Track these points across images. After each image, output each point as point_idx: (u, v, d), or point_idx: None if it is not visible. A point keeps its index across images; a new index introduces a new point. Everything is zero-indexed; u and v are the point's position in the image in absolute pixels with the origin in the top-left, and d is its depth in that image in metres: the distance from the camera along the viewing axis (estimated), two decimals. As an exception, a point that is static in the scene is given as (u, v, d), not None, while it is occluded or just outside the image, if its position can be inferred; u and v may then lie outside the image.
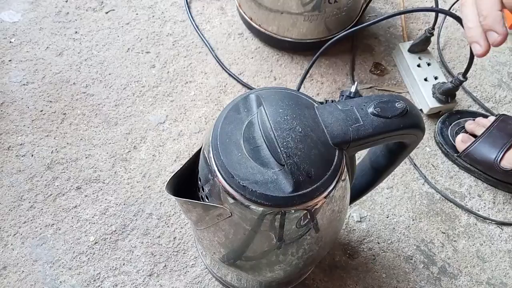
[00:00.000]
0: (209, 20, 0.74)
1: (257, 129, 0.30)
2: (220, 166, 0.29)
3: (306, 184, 0.28)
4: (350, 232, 0.57)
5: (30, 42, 0.70)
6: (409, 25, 0.76)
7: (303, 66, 0.71)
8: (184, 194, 0.31)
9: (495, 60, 0.74)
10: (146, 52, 0.70)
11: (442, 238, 0.58)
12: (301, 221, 0.30)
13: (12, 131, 0.62)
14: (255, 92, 0.31)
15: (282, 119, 0.29)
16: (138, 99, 0.66)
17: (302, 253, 0.36)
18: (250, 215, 0.29)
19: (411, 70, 0.67)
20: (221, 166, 0.29)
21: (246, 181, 0.28)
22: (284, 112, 0.29)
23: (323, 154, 0.29)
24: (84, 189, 0.59)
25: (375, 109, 0.30)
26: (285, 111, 0.29)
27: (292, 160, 0.28)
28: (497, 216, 0.59)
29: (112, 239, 0.56)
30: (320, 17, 0.65)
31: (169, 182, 0.30)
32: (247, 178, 0.28)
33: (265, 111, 0.29)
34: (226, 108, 0.32)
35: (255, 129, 0.30)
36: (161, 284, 0.53)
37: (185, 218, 0.57)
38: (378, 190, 0.60)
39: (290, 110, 0.29)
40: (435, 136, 0.65)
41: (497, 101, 0.70)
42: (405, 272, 0.55)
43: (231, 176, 0.29)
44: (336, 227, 0.38)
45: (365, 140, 0.30)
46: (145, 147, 0.62)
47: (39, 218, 0.56)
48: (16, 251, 0.54)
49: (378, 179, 0.43)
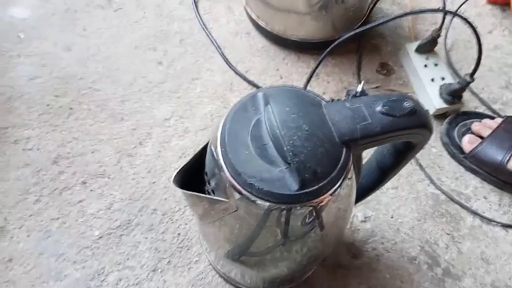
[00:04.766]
0: (217, 19, 0.74)
1: (264, 128, 0.30)
2: (228, 164, 0.29)
3: (312, 182, 0.28)
4: (355, 232, 0.57)
5: (39, 38, 0.70)
6: (416, 25, 0.76)
7: (309, 65, 0.71)
8: (190, 188, 0.31)
9: (503, 62, 0.73)
10: (153, 49, 0.71)
11: (446, 239, 0.57)
12: (306, 218, 0.30)
13: (19, 125, 0.62)
14: (263, 91, 0.32)
15: (289, 117, 0.29)
16: (144, 95, 0.66)
17: (306, 251, 0.36)
18: (256, 211, 0.29)
19: (418, 71, 0.67)
20: (228, 163, 0.29)
21: (253, 178, 0.28)
22: (291, 110, 0.29)
23: (330, 152, 0.29)
24: (89, 184, 0.59)
25: (383, 107, 0.30)
26: (292, 110, 0.29)
27: (298, 158, 0.28)
28: (502, 218, 0.59)
29: (117, 234, 0.56)
30: (327, 17, 0.65)
31: (176, 176, 0.31)
32: (254, 176, 0.28)
33: (272, 110, 0.29)
34: (234, 106, 0.32)
35: (262, 128, 0.30)
36: (165, 280, 0.54)
37: (190, 214, 0.58)
38: (383, 190, 0.60)
39: (297, 108, 0.30)
40: (441, 137, 0.65)
41: (504, 103, 0.69)
42: (409, 273, 0.55)
43: (238, 173, 0.29)
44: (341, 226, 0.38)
45: (372, 138, 0.30)
46: (151, 143, 0.62)
47: (45, 212, 0.57)
48: (21, 244, 0.55)
49: (384, 179, 0.43)
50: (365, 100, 0.31)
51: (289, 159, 0.28)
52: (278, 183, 0.28)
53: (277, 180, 0.28)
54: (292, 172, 0.28)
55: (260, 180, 0.28)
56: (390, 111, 0.30)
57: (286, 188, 0.28)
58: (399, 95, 0.31)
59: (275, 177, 0.28)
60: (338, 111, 0.30)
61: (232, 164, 0.29)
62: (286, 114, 0.29)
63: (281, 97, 0.30)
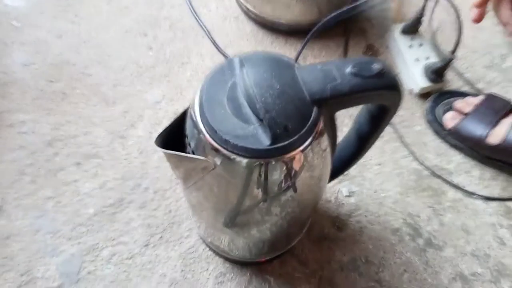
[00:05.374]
0: (206, 4, 0.76)
1: (239, 89, 0.32)
2: (205, 122, 0.31)
3: (283, 137, 0.30)
4: (339, 206, 0.59)
5: (32, 25, 0.72)
6: (402, 8, 0.77)
7: (297, 48, 0.72)
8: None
9: (487, 42, 0.75)
10: (143, 34, 0.72)
11: (428, 212, 0.59)
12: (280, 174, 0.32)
13: (14, 109, 0.64)
14: (239, 56, 0.33)
15: (262, 77, 0.31)
16: (135, 80, 0.68)
17: (285, 214, 0.38)
18: (232, 167, 0.31)
19: (403, 51, 0.69)
20: (205, 122, 0.31)
21: (228, 135, 0.30)
22: (264, 71, 0.31)
23: (301, 110, 0.31)
24: (83, 165, 0.61)
25: (352, 68, 0.32)
26: (265, 71, 0.31)
27: (270, 114, 0.29)
28: (483, 191, 0.61)
29: (110, 212, 0.58)
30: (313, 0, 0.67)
31: (158, 137, 0.32)
32: (229, 133, 0.30)
33: (246, 72, 0.31)
34: (212, 71, 0.34)
35: (237, 89, 0.32)
36: (157, 254, 0.55)
37: (180, 192, 0.59)
38: (367, 167, 0.62)
39: (270, 69, 0.31)
40: (425, 114, 0.67)
41: (488, 82, 0.71)
42: (391, 244, 0.57)
43: (214, 131, 0.30)
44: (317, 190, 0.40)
45: (342, 98, 0.32)
46: (142, 125, 0.64)
47: (40, 191, 0.59)
48: (18, 222, 0.57)
49: (364, 148, 0.45)
50: (336, 63, 0.32)
51: (261, 115, 0.29)
52: (252, 139, 0.30)
53: (251, 136, 0.30)
54: (264, 128, 0.30)
55: (235, 137, 0.30)
56: (359, 72, 0.32)
57: (259, 143, 0.30)
58: (368, 58, 0.33)
59: (249, 133, 0.30)
60: (309, 72, 0.32)
61: (209, 122, 0.30)
62: (259, 74, 0.31)
63: (256, 61, 0.32)
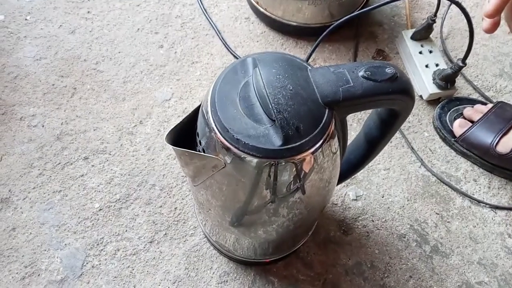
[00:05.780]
0: (217, 4, 0.76)
1: (252, 89, 0.32)
2: (217, 121, 0.31)
3: (295, 138, 0.30)
4: (346, 210, 0.59)
5: (45, 20, 0.72)
6: (413, 14, 0.77)
7: (307, 50, 0.72)
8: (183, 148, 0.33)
9: (498, 51, 0.74)
10: (155, 32, 0.73)
11: (435, 218, 0.59)
12: (289, 176, 0.32)
13: (25, 103, 0.65)
14: (252, 56, 0.33)
15: (275, 78, 0.31)
16: (145, 77, 0.68)
17: (292, 215, 0.38)
18: (242, 166, 0.31)
19: (413, 57, 0.68)
20: (217, 121, 0.31)
21: (240, 134, 0.30)
22: (277, 72, 0.31)
23: (313, 112, 0.31)
24: (91, 159, 0.61)
25: (365, 72, 0.32)
26: (278, 72, 0.31)
27: (282, 115, 0.30)
28: (491, 200, 0.60)
29: (116, 207, 0.58)
30: (325, 2, 0.67)
31: (169, 134, 0.32)
32: (241, 132, 0.30)
33: (259, 72, 0.31)
34: (225, 70, 0.34)
35: (250, 89, 0.32)
36: (161, 251, 0.56)
37: (187, 190, 0.59)
38: (375, 171, 0.62)
39: (283, 70, 0.31)
40: (433, 121, 0.66)
41: (498, 90, 0.71)
42: (397, 249, 0.56)
43: (226, 130, 0.31)
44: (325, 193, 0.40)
45: (354, 101, 0.32)
46: (151, 122, 0.64)
47: (48, 184, 0.59)
48: (25, 214, 0.57)
49: (373, 152, 0.45)
50: (349, 66, 0.32)
51: (273, 116, 0.29)
52: (263, 139, 0.30)
53: (263, 136, 0.30)
54: (276, 128, 0.30)
55: (247, 136, 0.30)
56: (372, 76, 0.32)
57: (270, 143, 0.30)
58: (381, 62, 0.33)
59: (261, 133, 0.30)
60: (322, 74, 0.32)
61: (221, 121, 0.31)
62: (272, 75, 0.31)
63: (269, 61, 0.32)
